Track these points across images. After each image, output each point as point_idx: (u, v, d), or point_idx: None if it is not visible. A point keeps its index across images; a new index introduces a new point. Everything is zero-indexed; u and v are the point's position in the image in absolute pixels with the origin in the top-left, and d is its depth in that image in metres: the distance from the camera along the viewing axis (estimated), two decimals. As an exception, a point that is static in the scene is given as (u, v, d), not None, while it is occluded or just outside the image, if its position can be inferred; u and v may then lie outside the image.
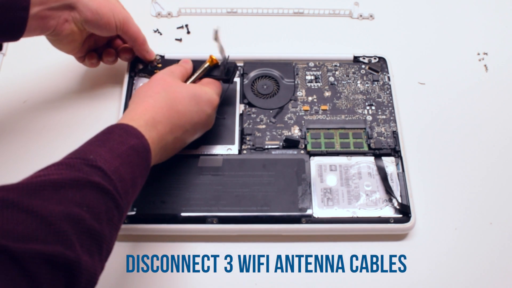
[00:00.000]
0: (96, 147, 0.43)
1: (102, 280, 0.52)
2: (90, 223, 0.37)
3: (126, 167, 0.43)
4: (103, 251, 0.39)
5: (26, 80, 0.65)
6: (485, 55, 0.70)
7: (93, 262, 0.37)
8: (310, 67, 0.65)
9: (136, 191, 0.45)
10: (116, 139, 0.44)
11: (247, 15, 0.73)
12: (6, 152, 0.60)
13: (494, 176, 0.60)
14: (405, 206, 0.54)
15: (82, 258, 0.36)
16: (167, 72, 0.54)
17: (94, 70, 0.66)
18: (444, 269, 0.54)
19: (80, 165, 0.40)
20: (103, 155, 0.42)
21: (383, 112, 0.61)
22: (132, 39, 0.59)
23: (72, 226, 0.36)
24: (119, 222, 0.42)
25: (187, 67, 0.57)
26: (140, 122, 0.47)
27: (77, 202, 0.37)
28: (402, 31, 0.72)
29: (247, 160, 0.57)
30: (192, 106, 0.52)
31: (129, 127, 0.46)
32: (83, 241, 0.36)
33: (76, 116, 0.62)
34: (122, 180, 0.42)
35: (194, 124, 0.53)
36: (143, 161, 0.46)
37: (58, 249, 0.34)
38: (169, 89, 0.52)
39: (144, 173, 0.46)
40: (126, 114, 0.49)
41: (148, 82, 0.53)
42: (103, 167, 0.41)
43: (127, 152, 0.44)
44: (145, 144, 0.46)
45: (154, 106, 0.49)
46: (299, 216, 0.54)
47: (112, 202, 0.40)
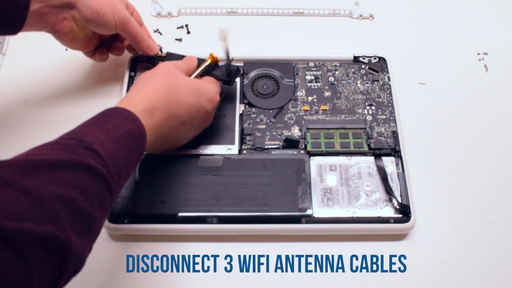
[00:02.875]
0: (93, 129, 0.43)
1: (102, 280, 0.52)
2: (82, 205, 0.37)
3: (122, 151, 0.43)
4: (92, 233, 0.39)
5: (26, 80, 0.65)
6: (485, 55, 0.70)
7: (82, 244, 0.37)
8: (310, 67, 0.65)
9: (129, 175, 0.46)
10: (114, 122, 0.45)
11: (247, 15, 0.73)
12: (6, 152, 0.59)
13: (494, 176, 0.60)
14: (405, 206, 0.54)
15: (72, 239, 0.36)
16: (173, 64, 0.55)
17: (94, 70, 0.66)
18: (444, 269, 0.54)
19: (76, 147, 0.40)
20: (100, 138, 0.42)
21: (383, 112, 0.61)
22: (131, 37, 0.59)
23: (64, 207, 0.36)
24: (109, 205, 0.42)
25: (192, 64, 0.58)
26: (138, 108, 0.47)
27: (71, 183, 0.37)
28: (402, 31, 0.72)
29: (247, 160, 0.57)
30: (192, 99, 0.53)
31: (127, 111, 0.46)
32: (74, 222, 0.37)
33: (76, 116, 0.62)
34: (116, 164, 0.42)
35: (191, 117, 0.53)
36: (138, 147, 0.46)
37: (49, 229, 0.34)
38: (172, 78, 0.52)
39: (138, 159, 0.47)
40: (126, 98, 0.49)
41: (153, 69, 0.54)
42: (99, 150, 0.41)
43: (124, 137, 0.44)
44: (141, 130, 0.46)
45: (154, 93, 0.50)
46: (299, 216, 0.54)
47: (105, 186, 0.40)
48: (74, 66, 0.66)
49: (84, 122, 0.45)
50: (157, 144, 0.52)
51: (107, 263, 0.53)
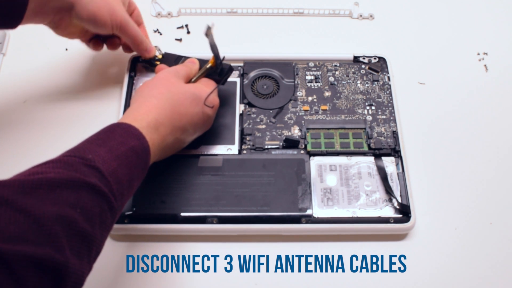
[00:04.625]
0: (96, 146, 0.43)
1: (102, 280, 0.52)
2: (82, 225, 0.37)
3: (124, 168, 0.43)
4: (92, 253, 0.39)
5: (26, 80, 0.65)
6: (485, 55, 0.70)
7: (81, 265, 0.37)
8: (310, 67, 0.65)
9: (132, 192, 0.45)
10: (117, 139, 0.44)
11: (247, 15, 0.73)
12: (6, 152, 0.60)
13: (494, 176, 0.60)
14: (405, 206, 0.54)
15: (71, 261, 0.36)
16: (172, 72, 0.54)
17: (94, 70, 0.66)
18: (444, 269, 0.54)
19: (78, 165, 0.40)
20: (102, 155, 0.42)
21: (383, 112, 0.61)
22: (129, 40, 0.59)
23: (63, 228, 0.36)
24: (111, 224, 0.42)
25: (194, 68, 0.57)
26: (142, 124, 0.47)
27: (71, 203, 0.37)
28: (402, 31, 0.72)
29: (247, 160, 0.57)
30: (194, 107, 0.52)
31: (131, 127, 0.46)
32: (73, 243, 0.36)
33: (76, 116, 0.62)
34: (118, 182, 0.42)
35: (194, 125, 0.53)
36: (141, 163, 0.46)
37: (47, 252, 0.34)
38: (173, 89, 0.52)
39: (141, 175, 0.46)
40: (129, 113, 0.49)
41: (152, 81, 0.53)
42: (101, 168, 0.41)
43: (127, 154, 0.44)
44: (145, 146, 0.46)
45: (157, 107, 0.49)
46: (299, 216, 0.54)
47: (107, 204, 0.40)
48: (74, 66, 0.66)
49: (87, 138, 0.44)
50: (162, 155, 0.52)
51: (107, 263, 0.53)
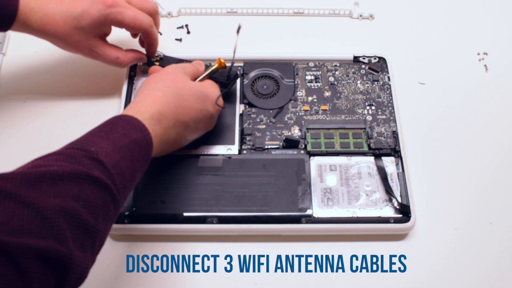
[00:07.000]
0: (98, 138, 0.43)
1: (102, 280, 0.52)
2: (85, 217, 0.37)
3: (127, 161, 0.43)
4: (95, 245, 0.39)
5: (26, 80, 0.65)
6: (485, 55, 0.70)
7: (84, 257, 0.37)
8: (310, 67, 0.65)
9: (134, 184, 0.45)
10: (120, 131, 0.44)
11: (247, 15, 0.73)
12: (6, 153, 0.60)
13: (494, 176, 0.60)
14: (405, 206, 0.54)
15: (75, 253, 0.36)
16: (180, 68, 0.55)
17: (94, 70, 0.66)
18: (444, 269, 0.54)
19: (80, 157, 0.40)
20: (105, 147, 0.42)
21: (383, 112, 0.61)
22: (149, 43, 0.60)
23: (67, 220, 0.36)
24: (114, 216, 0.42)
25: (200, 69, 0.58)
26: (145, 115, 0.47)
27: (74, 196, 0.37)
28: (402, 31, 0.72)
29: (247, 160, 0.57)
30: (199, 104, 0.52)
31: (134, 119, 0.46)
32: (77, 235, 0.37)
33: (76, 116, 0.62)
34: (121, 174, 0.42)
35: (197, 122, 0.53)
36: (144, 155, 0.46)
37: (51, 244, 0.34)
38: (179, 84, 0.52)
39: (144, 167, 0.46)
40: (132, 105, 0.49)
41: (159, 74, 0.53)
42: (104, 160, 0.41)
43: (129, 146, 0.44)
44: (148, 138, 0.46)
45: (161, 100, 0.49)
46: (299, 216, 0.54)
47: (110, 196, 0.40)
48: (74, 66, 0.66)
49: (90, 130, 0.45)
50: (163, 149, 0.52)
51: (107, 263, 0.53)
